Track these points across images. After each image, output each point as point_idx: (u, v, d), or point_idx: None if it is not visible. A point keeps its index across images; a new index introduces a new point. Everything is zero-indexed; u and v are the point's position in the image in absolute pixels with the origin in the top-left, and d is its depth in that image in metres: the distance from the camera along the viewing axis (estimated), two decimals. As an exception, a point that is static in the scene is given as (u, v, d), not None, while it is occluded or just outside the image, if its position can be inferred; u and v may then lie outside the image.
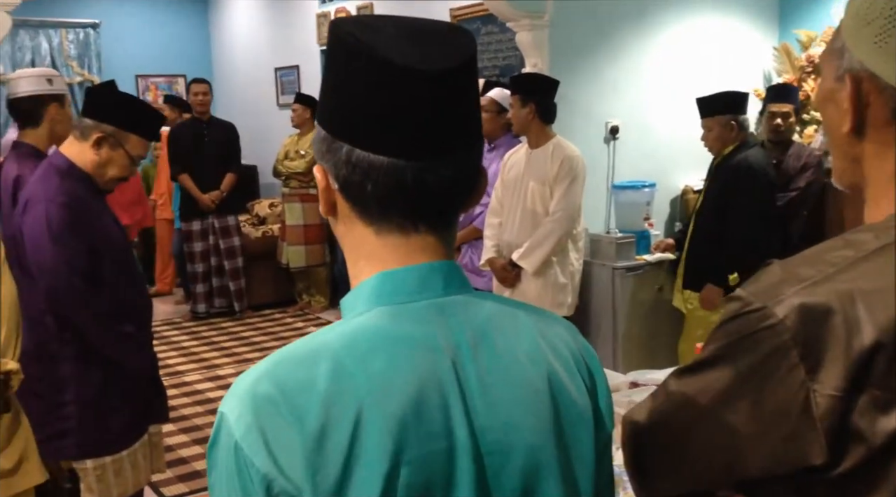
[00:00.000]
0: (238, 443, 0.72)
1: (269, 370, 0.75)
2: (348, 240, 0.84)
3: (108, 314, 2.28)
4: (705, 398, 0.86)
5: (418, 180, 0.78)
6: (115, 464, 2.34)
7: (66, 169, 2.31)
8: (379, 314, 0.79)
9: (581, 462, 0.84)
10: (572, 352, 0.87)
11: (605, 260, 4.16)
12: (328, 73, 0.82)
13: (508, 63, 5.25)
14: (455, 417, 0.76)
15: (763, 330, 0.80)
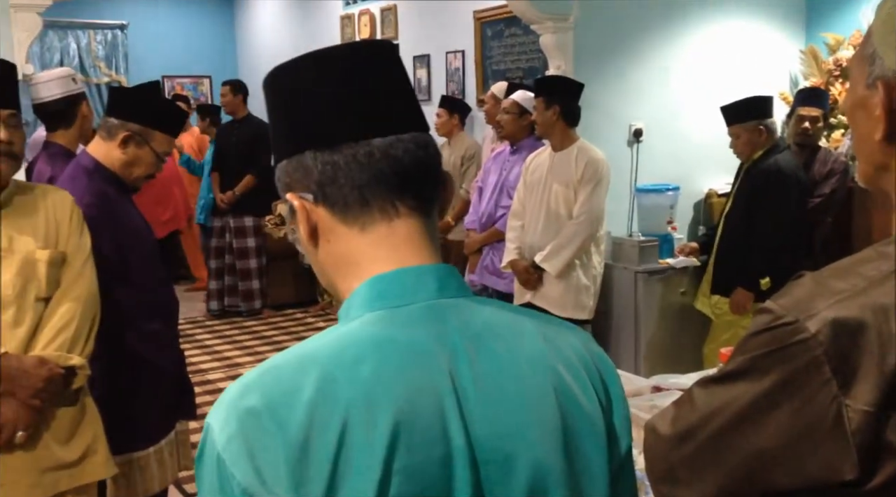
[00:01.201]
0: (220, 454, 0.70)
1: (255, 380, 0.73)
2: (333, 256, 0.83)
3: (136, 312, 2.31)
4: (733, 410, 0.85)
5: (388, 155, 0.79)
6: (141, 461, 2.37)
7: (94, 169, 2.34)
8: (369, 319, 0.77)
9: (592, 477, 0.79)
10: (584, 361, 0.83)
11: (628, 263, 4.14)
12: (274, 110, 0.86)
13: (532, 65, 5.24)
14: (451, 424, 0.72)
15: (795, 344, 0.79)
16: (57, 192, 2.13)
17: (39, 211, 2.02)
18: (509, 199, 4.05)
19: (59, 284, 2.02)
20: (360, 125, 0.80)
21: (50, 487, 1.99)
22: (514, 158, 4.19)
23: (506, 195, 4.14)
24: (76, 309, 2.01)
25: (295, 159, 0.82)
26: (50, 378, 1.93)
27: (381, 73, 0.83)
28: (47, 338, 1.96)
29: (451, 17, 5.78)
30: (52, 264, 2.00)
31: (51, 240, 2.02)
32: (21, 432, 1.91)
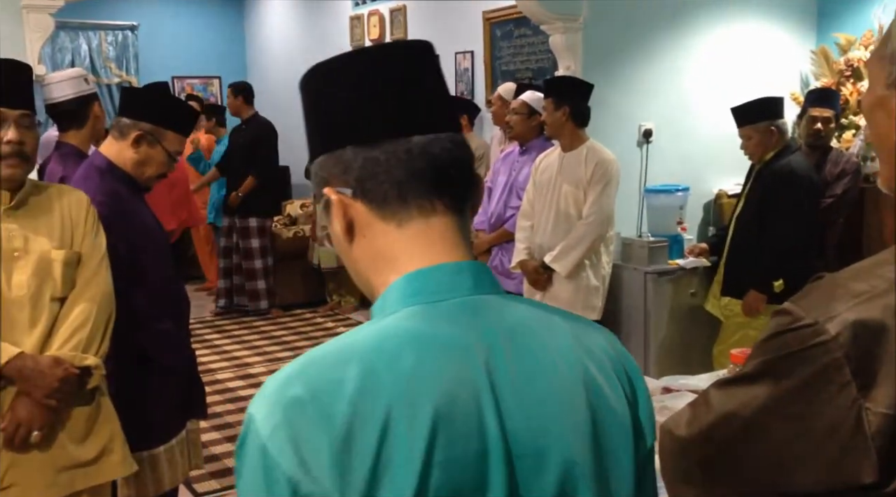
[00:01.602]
0: (265, 444, 0.71)
1: (298, 371, 0.75)
2: (369, 252, 0.84)
3: (147, 311, 2.32)
4: (751, 412, 0.85)
5: (426, 153, 0.81)
6: (151, 459, 2.37)
7: (106, 168, 2.35)
8: (408, 314, 0.78)
9: (619, 474, 0.81)
10: (611, 359, 0.85)
11: (637, 264, 4.13)
12: (313, 107, 0.87)
13: (541, 66, 5.24)
14: (487, 419, 0.74)
15: (815, 346, 0.79)
16: (72, 192, 2.14)
17: (55, 211, 2.03)
18: (518, 199, 4.05)
19: (75, 284, 2.03)
20: (400, 122, 0.82)
21: (66, 486, 2.00)
22: (524, 159, 4.19)
23: (515, 196, 4.14)
24: (91, 309, 2.02)
25: (334, 154, 0.83)
26: (65, 378, 1.94)
27: (421, 72, 0.85)
28: (63, 338, 1.97)
29: (460, 18, 5.78)
30: (67, 264, 2.01)
31: (66, 240, 2.03)
32: (36, 432, 1.92)
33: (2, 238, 1.95)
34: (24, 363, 1.90)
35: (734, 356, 2.34)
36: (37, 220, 2.00)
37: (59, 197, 2.06)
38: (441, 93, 0.86)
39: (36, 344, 1.96)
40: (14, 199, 1.98)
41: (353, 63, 0.85)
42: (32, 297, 1.96)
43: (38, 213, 2.01)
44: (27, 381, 1.90)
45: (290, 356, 5.34)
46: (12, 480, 1.93)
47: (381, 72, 0.83)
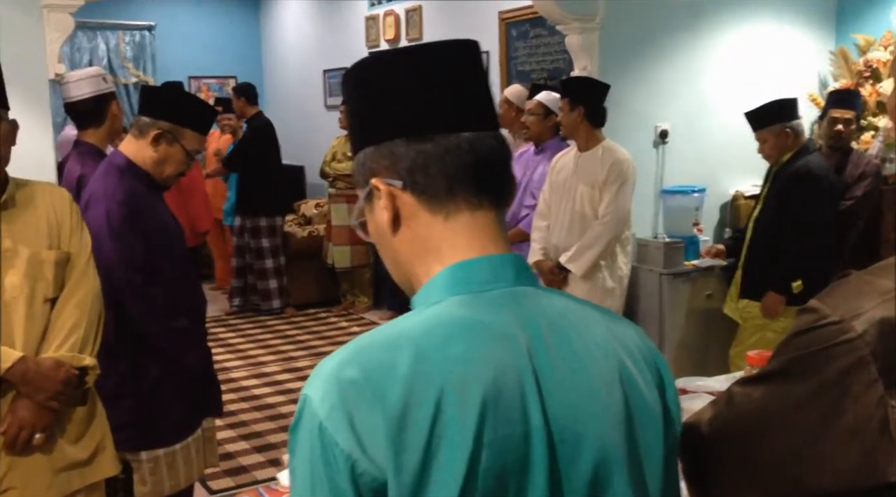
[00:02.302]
0: (322, 423, 0.74)
1: (353, 354, 0.77)
2: (414, 242, 0.86)
3: (164, 310, 2.33)
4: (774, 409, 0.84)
5: (476, 150, 0.85)
6: (167, 457, 2.38)
7: (126, 167, 2.37)
8: (454, 302, 0.81)
9: (650, 459, 0.83)
10: (642, 351, 0.88)
11: (653, 265, 4.11)
12: (361, 99, 0.89)
13: (557, 66, 5.23)
14: (530, 404, 0.77)
15: (841, 344, 0.78)
16: (55, 189, 2.08)
17: (40, 210, 1.97)
18: (533, 199, 4.04)
19: (64, 285, 1.98)
20: (452, 118, 0.85)
21: (63, 487, 1.99)
22: (538, 159, 4.18)
23: (529, 195, 4.13)
24: (84, 309, 1.98)
25: (384, 146, 0.86)
26: (67, 380, 1.92)
27: (471, 70, 0.88)
28: (59, 339, 1.94)
29: (475, 18, 5.78)
30: (58, 265, 1.96)
31: (54, 239, 1.97)
32: (39, 434, 1.90)
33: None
34: (26, 366, 1.87)
35: (751, 358, 2.32)
36: (24, 220, 1.94)
37: (43, 195, 1.99)
38: (487, 91, 0.89)
39: (31, 346, 1.92)
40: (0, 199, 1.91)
41: (408, 58, 0.88)
42: (27, 299, 1.91)
43: (25, 212, 1.95)
44: (30, 384, 1.87)
45: (304, 355, 5.36)
46: (11, 484, 1.91)
47: (436, 68, 0.86)
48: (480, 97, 0.88)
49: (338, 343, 5.62)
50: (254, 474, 3.62)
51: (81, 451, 2.02)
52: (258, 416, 4.33)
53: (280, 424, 4.19)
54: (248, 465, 3.72)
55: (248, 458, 3.80)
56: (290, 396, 4.61)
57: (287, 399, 4.58)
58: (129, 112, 7.07)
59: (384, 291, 6.33)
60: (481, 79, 0.89)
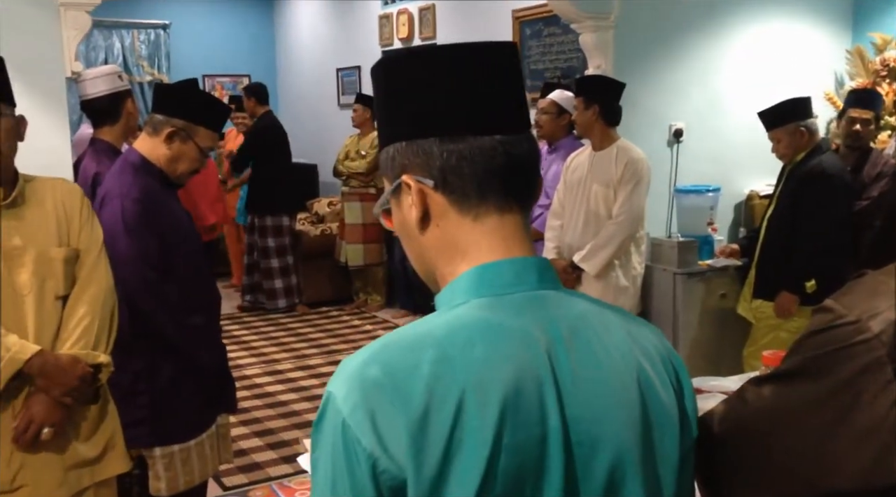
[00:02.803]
0: (345, 420, 0.75)
1: (377, 353, 0.78)
2: (441, 241, 0.86)
3: (179, 306, 2.34)
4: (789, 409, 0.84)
5: (508, 154, 0.84)
6: (182, 453, 2.39)
7: (140, 164, 2.38)
8: (478, 305, 0.82)
9: (665, 463, 0.84)
10: (660, 354, 0.88)
11: (667, 264, 4.09)
12: (392, 95, 0.88)
13: (570, 65, 5.21)
14: (549, 407, 0.77)
15: (857, 344, 0.78)
16: (65, 184, 2.06)
17: (49, 206, 1.96)
18: (547, 198, 4.04)
19: (75, 281, 1.98)
20: (487, 120, 0.84)
21: (74, 484, 1.99)
22: (552, 157, 4.18)
23: (543, 194, 4.12)
24: (96, 306, 1.97)
25: (416, 143, 0.85)
26: (83, 376, 1.92)
27: (507, 72, 0.88)
28: (73, 337, 1.94)
29: (489, 17, 5.77)
30: (68, 262, 1.96)
31: (63, 235, 1.97)
32: (47, 429, 1.89)
33: (1, 237, 1.88)
34: (45, 360, 1.87)
35: (766, 358, 2.30)
36: (33, 217, 1.93)
37: (53, 191, 1.99)
38: (522, 93, 0.89)
39: (45, 344, 1.92)
40: (8, 196, 1.90)
41: (444, 57, 0.87)
42: (36, 297, 1.91)
43: (34, 209, 1.94)
44: (48, 378, 1.88)
45: (316, 353, 5.37)
46: (23, 481, 1.92)
47: (473, 69, 0.85)
48: (516, 99, 0.87)
49: (350, 341, 5.63)
50: (267, 471, 3.64)
51: (92, 449, 2.03)
52: (271, 414, 4.35)
53: (293, 422, 4.21)
54: (262, 462, 3.73)
55: (262, 454, 3.82)
56: (302, 394, 4.63)
57: (300, 396, 4.59)
58: (144, 110, 7.11)
59: (397, 290, 6.34)
60: (518, 81, 0.89)
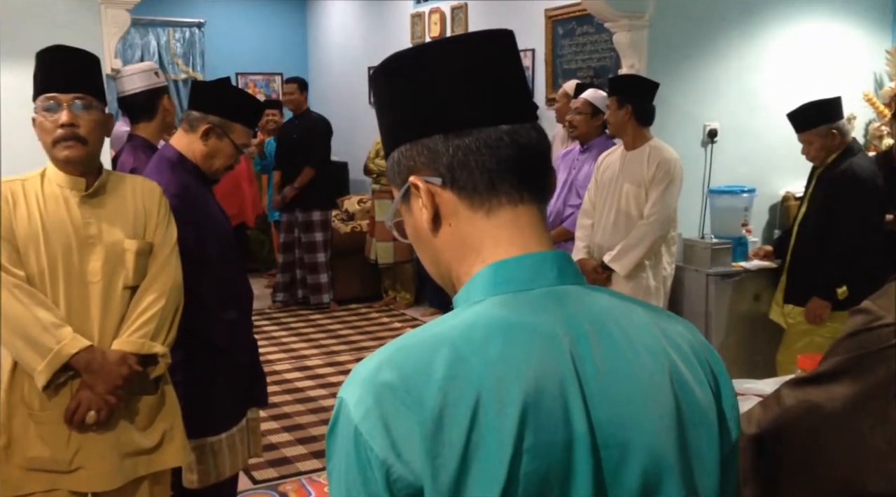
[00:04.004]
0: (357, 427, 0.72)
1: (389, 357, 0.75)
2: (454, 241, 0.83)
3: (214, 301, 2.37)
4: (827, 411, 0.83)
5: (516, 143, 0.81)
6: (214, 445, 2.42)
7: (177, 160, 2.41)
8: (494, 303, 0.78)
9: (703, 468, 0.79)
10: (694, 350, 0.83)
11: (699, 266, 4.05)
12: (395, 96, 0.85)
13: (603, 64, 5.18)
14: (573, 408, 0.73)
15: (893, 346, 0.77)
16: (146, 182, 2.18)
17: (128, 201, 2.07)
18: (578, 198, 4.02)
19: (146, 274, 2.07)
20: (490, 111, 0.81)
21: (129, 472, 2.05)
22: (584, 157, 4.16)
23: (574, 194, 4.10)
24: (161, 299, 2.05)
25: (420, 143, 0.83)
26: (128, 376, 1.99)
27: (506, 61, 0.85)
28: (133, 326, 2.02)
29: (521, 16, 5.76)
30: (140, 254, 2.05)
31: (139, 230, 2.07)
32: (92, 413, 1.96)
33: (79, 225, 2.00)
34: (92, 356, 1.95)
35: (802, 361, 2.28)
36: (111, 209, 2.04)
37: (133, 187, 2.11)
38: (523, 82, 0.86)
39: (107, 332, 2.01)
40: (90, 186, 2.02)
41: (441, 52, 0.84)
42: (105, 285, 2.00)
43: (113, 201, 2.05)
44: (93, 374, 1.95)
45: (345, 350, 5.40)
46: (80, 463, 1.99)
47: (471, 60, 0.83)
48: (517, 88, 0.84)
49: (379, 338, 5.65)
50: (297, 465, 3.67)
51: (148, 439, 2.09)
52: (301, 409, 4.38)
53: (322, 417, 4.23)
54: (291, 457, 3.77)
55: (291, 449, 3.85)
56: (331, 390, 4.65)
57: (328, 392, 4.62)
58: (179, 107, 7.21)
59: (426, 288, 6.35)
60: (517, 70, 0.85)
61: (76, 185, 2.01)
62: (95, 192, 2.03)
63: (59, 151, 1.96)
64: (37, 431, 1.97)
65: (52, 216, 1.98)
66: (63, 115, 1.94)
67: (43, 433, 1.97)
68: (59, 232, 1.97)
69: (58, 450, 1.98)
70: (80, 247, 1.98)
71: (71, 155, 1.96)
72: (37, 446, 1.97)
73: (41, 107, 1.96)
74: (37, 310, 1.91)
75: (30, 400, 1.98)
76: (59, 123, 1.94)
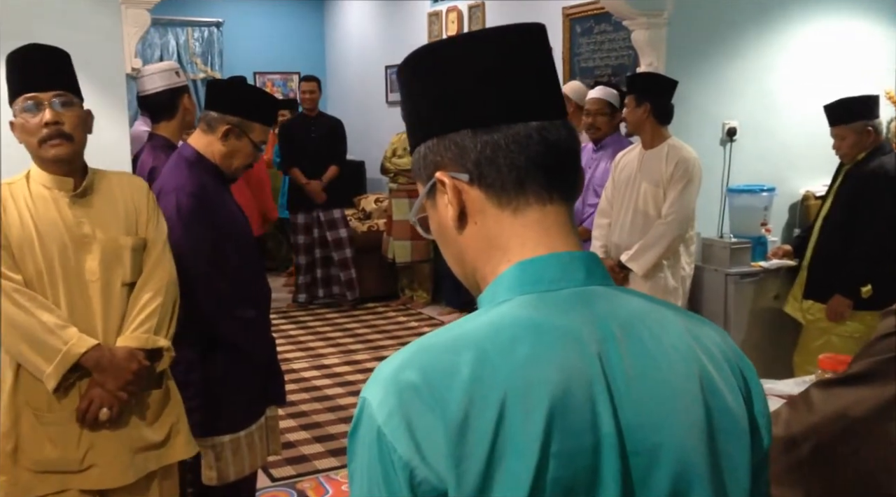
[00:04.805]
0: (381, 428, 0.70)
1: (412, 357, 0.73)
2: (480, 239, 0.81)
3: (231, 299, 2.38)
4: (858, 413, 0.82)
5: (545, 141, 0.79)
6: (233, 443, 2.43)
7: (195, 160, 2.42)
8: (521, 303, 0.76)
9: (733, 475, 0.77)
10: (725, 355, 0.81)
11: (718, 265, 4.03)
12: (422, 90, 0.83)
13: (621, 62, 5.16)
14: (601, 412, 0.72)
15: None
16: (132, 178, 2.16)
17: (117, 198, 2.05)
18: (596, 197, 4.00)
19: (141, 270, 2.06)
20: (520, 106, 0.79)
21: (141, 468, 2.05)
22: (599, 155, 4.14)
23: (592, 193, 4.08)
24: (160, 294, 2.05)
25: (448, 138, 0.81)
26: (138, 371, 1.99)
27: (537, 55, 0.82)
28: (137, 321, 2.02)
29: (539, 15, 5.74)
30: (135, 250, 2.05)
31: (131, 226, 2.06)
32: (105, 410, 1.96)
33: (72, 225, 1.98)
34: (101, 354, 1.95)
35: (822, 362, 2.26)
36: (101, 207, 2.03)
37: (120, 184, 2.08)
38: (554, 78, 0.83)
39: (110, 329, 2.01)
40: (78, 186, 2.00)
41: (471, 45, 0.82)
42: (104, 283, 1.99)
43: (102, 199, 2.03)
44: (103, 372, 1.95)
45: (362, 348, 5.41)
46: (93, 461, 1.99)
47: (501, 54, 0.80)
48: (548, 84, 0.82)
49: (396, 337, 5.66)
50: (314, 464, 3.68)
51: (157, 434, 2.09)
52: (318, 407, 4.40)
53: (340, 416, 4.25)
54: (309, 455, 3.78)
55: (309, 447, 3.86)
56: (349, 389, 4.67)
57: (346, 391, 4.63)
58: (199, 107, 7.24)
59: (443, 287, 6.35)
60: (548, 65, 0.83)
61: (64, 186, 1.99)
62: (84, 192, 2.01)
63: (47, 151, 1.93)
64: (46, 433, 1.97)
65: (43, 218, 1.96)
66: (46, 114, 1.91)
67: (52, 434, 1.97)
68: (53, 233, 1.95)
69: (68, 450, 1.97)
70: (75, 247, 1.97)
71: (59, 153, 1.94)
72: (46, 448, 1.97)
73: (21, 108, 1.93)
74: (39, 313, 1.90)
75: (36, 402, 1.97)
76: (43, 122, 1.91)
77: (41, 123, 1.92)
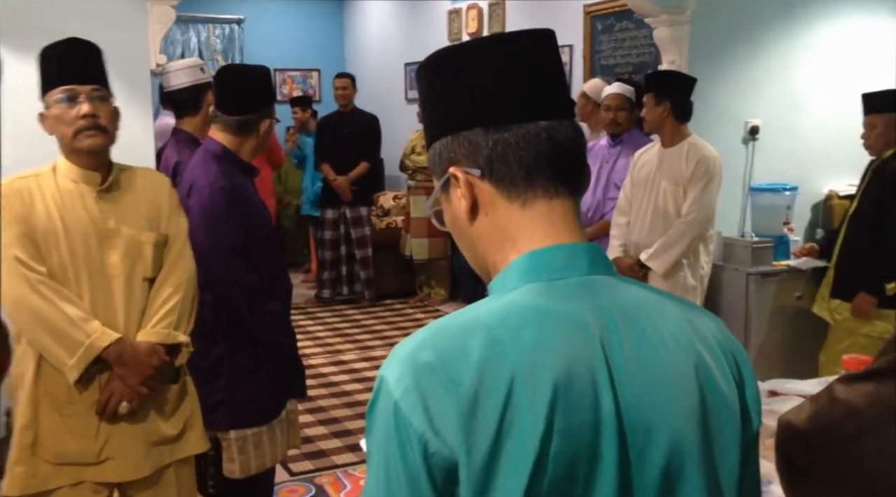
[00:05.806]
0: (397, 403, 0.76)
1: (429, 338, 0.79)
2: (491, 230, 0.87)
3: (260, 293, 2.40)
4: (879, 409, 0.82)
5: (553, 139, 0.85)
6: (255, 437, 2.45)
7: (221, 154, 2.44)
8: (529, 290, 0.82)
9: (724, 455, 0.82)
10: (720, 344, 0.86)
11: (739, 264, 4.00)
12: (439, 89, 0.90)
13: (642, 60, 5.14)
14: (602, 393, 0.77)
15: None
16: (154, 174, 2.19)
17: (140, 194, 2.08)
18: (617, 190, 3.98)
19: (161, 265, 2.08)
20: (530, 107, 0.86)
21: (156, 460, 2.08)
22: (616, 150, 4.12)
23: (613, 187, 4.07)
24: (181, 290, 2.08)
25: (461, 135, 0.87)
26: (159, 366, 2.01)
27: (548, 59, 0.89)
28: (158, 315, 2.04)
29: (560, 12, 5.73)
30: (157, 246, 2.07)
31: (153, 222, 2.08)
32: (124, 403, 1.98)
33: (97, 219, 2.00)
34: (123, 348, 1.97)
35: (846, 362, 2.24)
36: (126, 203, 2.05)
37: (143, 179, 2.11)
38: (562, 80, 0.90)
39: (132, 324, 2.03)
40: (105, 181, 2.03)
41: (486, 49, 0.88)
42: (126, 278, 2.02)
43: (126, 195, 2.06)
44: (124, 366, 1.97)
45: (380, 345, 5.43)
46: (109, 454, 2.01)
47: (513, 58, 0.87)
48: (556, 86, 0.88)
49: (414, 334, 5.68)
50: (332, 459, 3.70)
51: (172, 427, 2.11)
52: (336, 403, 4.42)
53: (357, 411, 4.27)
54: (327, 450, 3.80)
55: (327, 442, 3.89)
56: (366, 385, 4.69)
57: (363, 387, 4.65)
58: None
59: (461, 284, 6.36)
60: (557, 68, 0.89)
61: (91, 180, 2.01)
62: (110, 187, 2.04)
63: (81, 141, 1.95)
64: (65, 425, 1.98)
65: (69, 211, 1.98)
66: (85, 106, 1.94)
67: (71, 426, 1.99)
68: (78, 227, 1.98)
69: (86, 442, 1.99)
70: (99, 241, 1.99)
71: (94, 143, 1.96)
72: (65, 440, 1.98)
73: (57, 99, 1.96)
74: (63, 305, 1.92)
75: (57, 394, 1.98)
76: (80, 114, 1.94)
77: (78, 115, 1.94)
